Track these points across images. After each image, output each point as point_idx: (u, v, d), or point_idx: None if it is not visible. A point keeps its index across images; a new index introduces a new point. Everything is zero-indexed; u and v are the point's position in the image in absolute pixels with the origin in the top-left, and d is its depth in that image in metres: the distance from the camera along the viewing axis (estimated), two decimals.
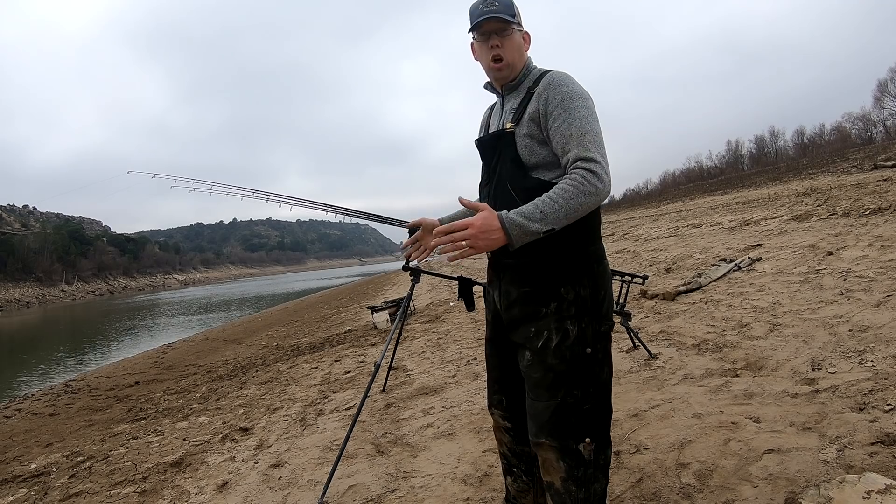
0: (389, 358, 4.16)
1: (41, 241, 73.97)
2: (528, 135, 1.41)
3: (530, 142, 1.41)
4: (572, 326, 1.37)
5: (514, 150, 1.43)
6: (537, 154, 1.41)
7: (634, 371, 3.33)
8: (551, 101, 1.38)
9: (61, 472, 3.50)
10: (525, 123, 1.42)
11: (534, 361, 1.40)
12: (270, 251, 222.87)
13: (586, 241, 1.41)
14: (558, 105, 1.36)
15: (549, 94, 1.39)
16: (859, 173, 15.79)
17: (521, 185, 1.41)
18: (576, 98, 1.37)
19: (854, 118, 49.12)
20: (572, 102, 1.36)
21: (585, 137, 1.31)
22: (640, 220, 19.93)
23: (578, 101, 1.36)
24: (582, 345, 1.37)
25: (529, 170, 1.42)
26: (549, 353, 1.37)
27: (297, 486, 2.55)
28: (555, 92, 1.38)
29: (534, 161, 1.41)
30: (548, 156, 1.40)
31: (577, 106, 1.35)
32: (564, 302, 1.38)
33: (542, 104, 1.39)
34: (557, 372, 1.37)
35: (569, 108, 1.35)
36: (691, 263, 6.96)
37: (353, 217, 3.31)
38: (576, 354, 1.37)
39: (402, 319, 3.19)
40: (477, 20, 1.45)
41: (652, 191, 61.28)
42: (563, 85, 1.39)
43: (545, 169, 1.40)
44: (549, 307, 1.38)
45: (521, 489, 1.68)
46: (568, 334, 1.37)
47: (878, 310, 3.32)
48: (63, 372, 10.21)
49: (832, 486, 1.54)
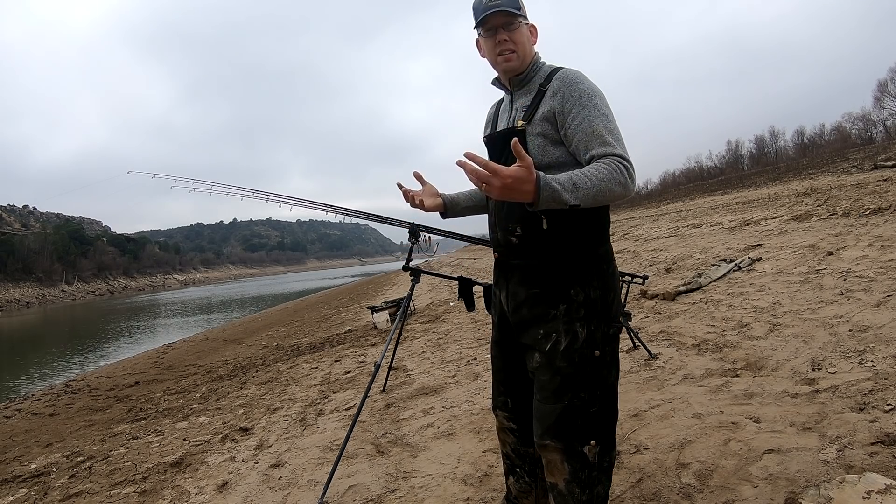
0: (389, 358, 4.16)
1: (41, 241, 73.98)
2: (541, 134, 1.38)
3: (543, 141, 1.38)
4: (581, 329, 1.35)
5: (525, 149, 1.38)
6: (550, 154, 1.37)
7: (634, 371, 3.32)
8: (568, 100, 1.34)
9: (61, 472, 3.50)
10: (538, 122, 1.38)
11: (542, 364, 1.38)
12: (270, 251, 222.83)
13: (596, 241, 1.39)
14: (576, 103, 1.33)
15: (565, 91, 1.35)
16: (859, 173, 15.79)
17: None
18: (594, 96, 1.33)
19: (854, 118, 49.17)
20: (591, 100, 1.32)
21: (612, 135, 1.28)
22: (641, 220, 19.92)
23: (597, 99, 1.33)
24: (591, 347, 1.36)
25: (539, 170, 1.39)
26: (557, 355, 1.36)
27: (297, 486, 2.55)
28: (571, 90, 1.34)
29: (545, 161, 1.37)
30: (560, 156, 1.36)
31: (596, 104, 1.32)
32: (574, 304, 1.35)
33: (557, 102, 1.35)
34: (565, 375, 1.35)
35: (588, 106, 1.32)
36: (691, 263, 6.96)
37: (353, 217, 3.32)
38: (584, 357, 1.35)
39: (402, 319, 3.19)
40: (482, 15, 1.40)
41: (652, 191, 61.26)
42: (578, 82, 1.36)
43: (556, 169, 1.35)
44: (559, 309, 1.36)
45: (523, 489, 1.67)
46: (577, 337, 1.35)
47: (878, 310, 3.32)
48: (63, 372, 10.21)
49: (832, 486, 1.53)
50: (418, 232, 2.80)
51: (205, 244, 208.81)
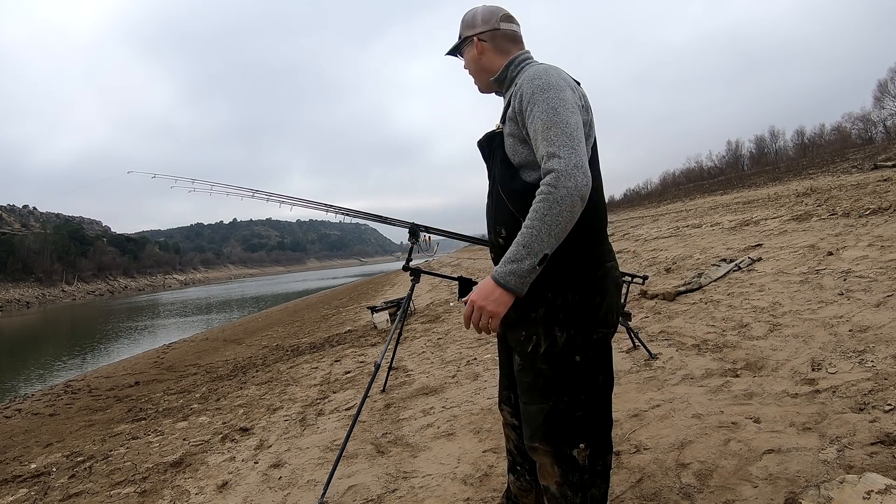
0: (389, 358, 4.16)
1: (41, 241, 73.99)
2: (511, 134, 1.37)
3: (513, 141, 1.37)
4: (560, 333, 1.32)
5: (503, 151, 1.40)
6: (520, 153, 1.36)
7: (634, 371, 3.32)
8: (524, 97, 1.31)
9: (61, 472, 3.50)
10: (507, 123, 1.38)
11: (524, 366, 1.37)
12: (270, 251, 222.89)
13: (583, 244, 1.34)
14: (529, 100, 1.29)
15: (524, 90, 1.32)
16: (859, 173, 15.79)
17: (509, 187, 1.37)
18: (547, 89, 1.27)
19: (854, 118, 49.21)
20: (543, 94, 1.26)
21: (550, 131, 1.22)
22: (640, 220, 19.93)
23: (550, 93, 1.26)
24: (571, 352, 1.32)
25: (517, 171, 1.37)
26: (538, 357, 1.34)
27: (297, 486, 2.55)
28: (528, 87, 1.31)
29: (518, 161, 1.37)
30: (529, 154, 1.35)
31: (546, 97, 1.26)
32: (552, 307, 1.33)
33: (517, 102, 1.34)
34: (547, 377, 1.34)
35: (537, 102, 1.26)
36: (691, 263, 6.96)
37: (354, 217, 3.32)
38: (564, 361, 1.32)
39: (402, 319, 3.19)
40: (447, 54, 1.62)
41: (652, 191, 61.27)
42: (535, 78, 1.31)
43: (530, 169, 1.35)
44: (538, 312, 1.34)
45: (523, 488, 1.67)
46: (556, 341, 1.32)
47: (878, 310, 3.32)
48: (63, 372, 10.21)
49: (832, 487, 1.53)
50: (418, 232, 2.80)
51: (205, 244, 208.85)
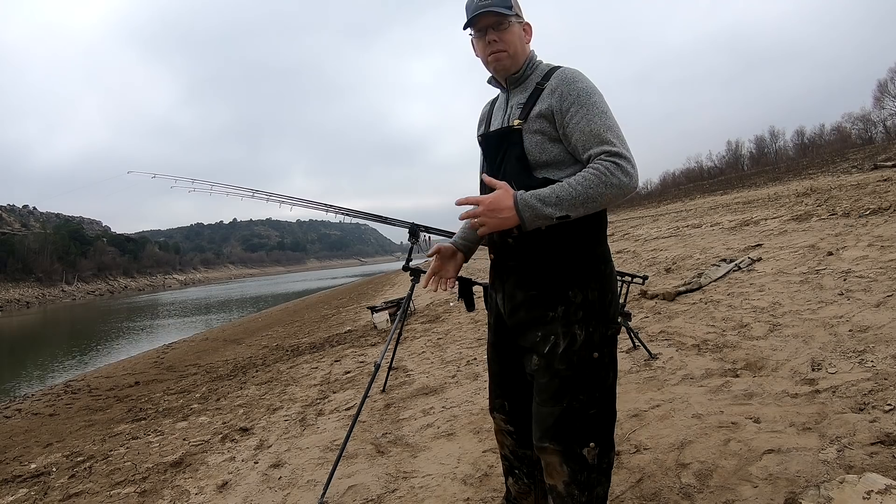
0: (389, 358, 4.16)
1: (41, 241, 73.96)
2: (539, 131, 1.37)
3: (541, 139, 1.36)
4: (580, 331, 1.34)
5: (521, 147, 1.38)
6: (548, 152, 1.36)
7: (634, 371, 3.32)
8: (566, 98, 1.33)
9: (61, 472, 3.50)
10: (534, 120, 1.37)
11: (541, 366, 1.37)
12: (270, 251, 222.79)
13: (594, 241, 1.38)
14: (575, 101, 1.32)
15: (563, 90, 1.35)
16: (859, 173, 15.80)
17: (525, 185, 1.35)
18: (592, 94, 1.34)
19: (854, 118, 49.20)
20: (590, 98, 1.33)
21: (610, 133, 1.29)
22: (640, 220, 19.93)
23: (595, 97, 1.33)
24: (589, 349, 1.35)
25: (535, 168, 1.37)
26: (556, 357, 1.35)
27: (297, 486, 2.55)
28: (570, 88, 1.34)
29: (543, 159, 1.36)
30: (559, 154, 1.36)
31: (594, 101, 1.32)
32: (572, 305, 1.35)
33: (555, 101, 1.35)
34: (564, 377, 1.35)
35: (586, 105, 1.32)
36: (691, 263, 6.96)
37: (354, 217, 3.32)
38: (583, 359, 1.35)
39: (402, 319, 3.19)
40: (471, 15, 1.39)
41: (652, 191, 61.25)
42: (577, 81, 1.36)
43: (555, 168, 1.36)
44: (557, 311, 1.35)
45: (522, 490, 1.67)
46: (575, 339, 1.34)
47: (878, 310, 3.32)
48: (63, 372, 10.21)
49: (832, 487, 1.53)
50: (418, 232, 2.80)
51: (205, 244, 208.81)
